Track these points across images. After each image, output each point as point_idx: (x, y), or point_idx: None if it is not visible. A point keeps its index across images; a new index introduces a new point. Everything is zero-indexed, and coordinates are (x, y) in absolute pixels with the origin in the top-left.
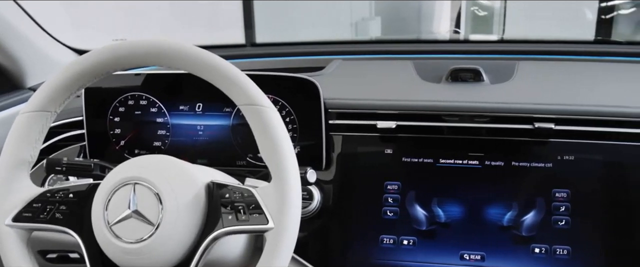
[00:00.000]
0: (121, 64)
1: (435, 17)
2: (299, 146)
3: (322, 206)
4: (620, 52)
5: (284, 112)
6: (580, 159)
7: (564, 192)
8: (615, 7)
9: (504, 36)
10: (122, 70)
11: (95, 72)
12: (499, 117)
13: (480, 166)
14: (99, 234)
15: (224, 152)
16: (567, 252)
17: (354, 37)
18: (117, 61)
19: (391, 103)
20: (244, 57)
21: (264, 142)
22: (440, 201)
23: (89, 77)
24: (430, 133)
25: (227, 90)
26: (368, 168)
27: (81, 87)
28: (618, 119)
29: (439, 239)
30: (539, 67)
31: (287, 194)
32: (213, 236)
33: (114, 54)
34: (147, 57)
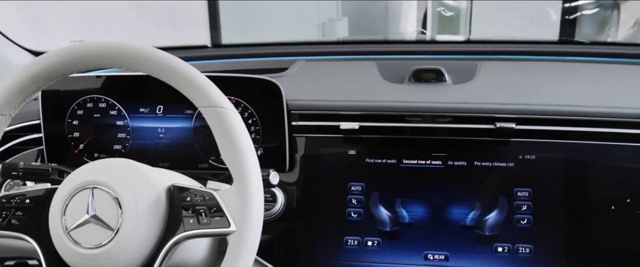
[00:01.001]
0: (78, 66)
1: (402, 18)
2: (262, 148)
3: (286, 208)
4: (584, 52)
5: (246, 114)
6: (541, 159)
7: (525, 192)
8: (579, 8)
9: (470, 36)
10: (80, 72)
11: (51, 75)
12: (460, 117)
13: (443, 166)
14: (57, 240)
15: (186, 155)
16: (530, 251)
17: (321, 37)
18: (74, 63)
19: (354, 104)
20: (207, 59)
21: (224, 145)
22: (404, 202)
23: (45, 79)
24: (393, 134)
25: (187, 92)
26: (331, 169)
27: (37, 90)
28: (578, 118)
29: (403, 240)
30: (501, 67)
31: (249, 197)
32: (174, 240)
33: (71, 56)
34: (104, 59)
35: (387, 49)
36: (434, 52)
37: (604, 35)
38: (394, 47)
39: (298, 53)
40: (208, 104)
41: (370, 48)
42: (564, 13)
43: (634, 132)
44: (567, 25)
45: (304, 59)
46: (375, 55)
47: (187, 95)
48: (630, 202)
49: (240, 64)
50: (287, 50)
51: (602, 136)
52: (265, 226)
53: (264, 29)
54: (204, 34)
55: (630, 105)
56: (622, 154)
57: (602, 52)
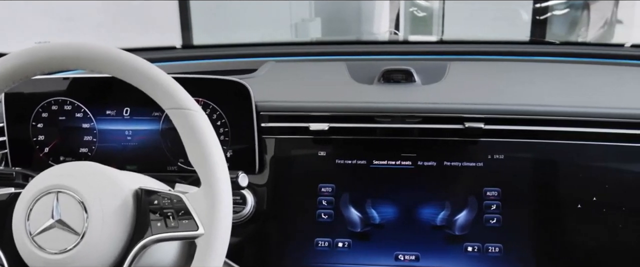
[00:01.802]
0: (41, 67)
1: (375, 18)
2: (232, 150)
3: (256, 210)
4: (553, 52)
5: (214, 115)
6: (510, 158)
7: (494, 191)
8: (549, 8)
9: (442, 37)
10: (43, 74)
11: (13, 77)
12: (430, 117)
13: (413, 167)
14: (21, 246)
15: (153, 158)
16: (499, 250)
17: (294, 38)
18: (36, 65)
19: (323, 105)
20: (176, 60)
21: (192, 147)
22: (374, 202)
23: (7, 81)
24: (363, 134)
25: (153, 93)
26: (302, 171)
27: (0, 92)
28: (547, 118)
29: (374, 240)
30: (470, 67)
31: (217, 199)
32: (142, 244)
33: (34, 58)
34: (68, 61)
35: (357, 49)
36: (403, 53)
37: (574, 36)
38: (364, 47)
39: (268, 54)
40: (174, 106)
41: (340, 49)
42: (534, 13)
43: (601, 131)
44: (538, 26)
45: (273, 59)
46: (345, 56)
47: (153, 97)
48: (597, 200)
49: (210, 65)
50: (257, 51)
51: (570, 136)
52: (236, 228)
53: (237, 30)
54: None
55: (598, 105)
56: (589, 153)
57: (571, 52)
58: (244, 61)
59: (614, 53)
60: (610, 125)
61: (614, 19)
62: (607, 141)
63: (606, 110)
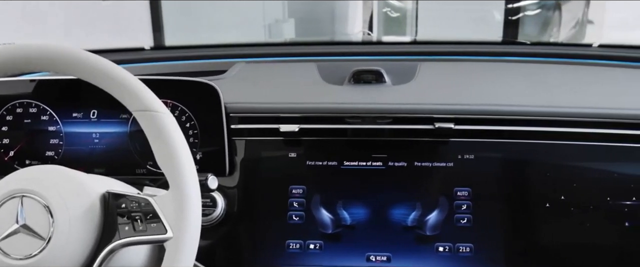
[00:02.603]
0: (4, 69)
1: (349, 19)
2: (201, 152)
3: (227, 213)
4: (524, 52)
5: (183, 117)
6: (480, 158)
7: (465, 191)
8: (521, 9)
9: (416, 37)
10: (7, 76)
11: None
12: (400, 118)
13: (384, 167)
14: None
15: (122, 161)
16: (470, 250)
17: (268, 39)
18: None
19: (293, 106)
20: (145, 61)
21: (159, 149)
22: (346, 204)
23: None
24: (333, 135)
25: (119, 95)
26: (272, 173)
27: None
28: (515, 117)
29: (345, 242)
30: (440, 67)
31: (186, 202)
32: (109, 248)
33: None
34: (32, 62)
35: (328, 50)
36: (374, 53)
37: (546, 36)
38: (334, 48)
39: (238, 55)
40: (141, 108)
41: (310, 49)
42: (507, 14)
43: (569, 131)
44: (510, 26)
45: (243, 61)
46: (316, 57)
47: (120, 99)
48: (565, 199)
49: (180, 67)
50: (227, 52)
51: (538, 135)
52: (206, 231)
53: (210, 31)
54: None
55: (566, 105)
56: (557, 152)
57: (542, 53)
58: (214, 62)
59: (582, 53)
60: (578, 125)
61: (585, 19)
62: (575, 140)
63: (574, 109)
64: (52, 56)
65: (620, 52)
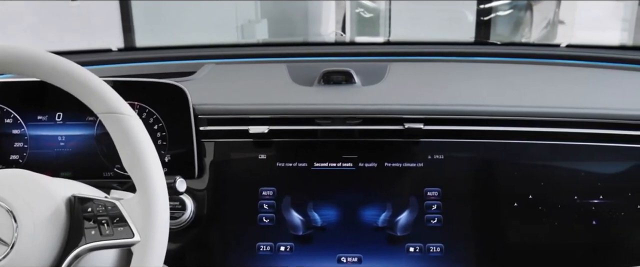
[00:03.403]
0: None
1: (322, 20)
2: (170, 154)
3: (196, 215)
4: (494, 52)
5: (151, 119)
6: (449, 158)
7: (435, 191)
8: (493, 9)
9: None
10: None
11: None
12: (370, 118)
13: (354, 168)
14: None
15: (89, 164)
16: (440, 250)
17: (241, 39)
18: None
19: (263, 107)
20: (112, 63)
21: (125, 152)
22: (316, 205)
23: None
24: (303, 137)
25: (84, 98)
26: (242, 174)
27: None
28: (484, 117)
29: (316, 243)
30: (410, 68)
31: (153, 205)
32: (75, 253)
33: None
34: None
35: (298, 51)
36: (344, 54)
37: (518, 36)
38: (304, 49)
39: (208, 56)
40: (107, 110)
41: (280, 50)
42: (479, 15)
43: (536, 131)
44: (483, 27)
45: (212, 62)
46: (286, 58)
47: (85, 102)
48: (533, 198)
49: (148, 68)
50: (197, 53)
51: (506, 135)
52: (176, 234)
53: (181, 31)
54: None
55: (533, 104)
56: (525, 152)
57: (512, 53)
58: (183, 64)
59: (551, 53)
60: (545, 125)
61: (556, 19)
62: (542, 140)
63: (541, 109)
64: (14, 58)
65: (587, 52)
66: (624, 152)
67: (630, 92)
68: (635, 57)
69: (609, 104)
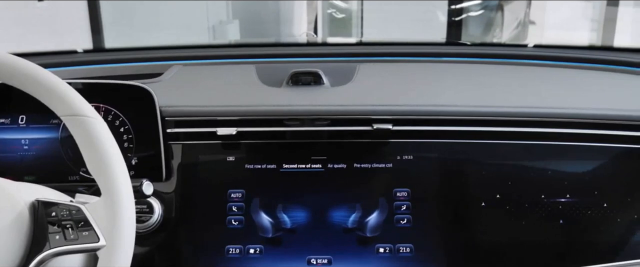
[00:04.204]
0: None
1: (294, 20)
2: (136, 157)
3: (164, 218)
4: (463, 53)
5: (117, 122)
6: (418, 158)
7: (404, 192)
8: (464, 10)
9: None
10: None
11: None
12: (338, 119)
13: (323, 170)
14: None
15: (53, 167)
16: (410, 250)
17: (212, 40)
18: None
19: (231, 109)
20: (78, 64)
21: (90, 155)
22: (285, 207)
23: None
24: (272, 138)
25: (47, 100)
26: (210, 177)
27: None
28: (451, 117)
29: (286, 246)
30: (379, 69)
31: (118, 209)
32: (39, 258)
33: None
34: None
35: (266, 52)
36: (314, 55)
37: (490, 37)
38: (273, 50)
39: (175, 57)
40: (70, 113)
41: (249, 51)
42: (450, 15)
43: (504, 130)
44: (454, 27)
45: (180, 63)
46: (254, 59)
47: (48, 104)
48: (500, 198)
49: (115, 70)
50: (164, 55)
51: (474, 135)
52: (144, 238)
53: (152, 32)
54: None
55: (501, 104)
56: (492, 151)
57: (480, 53)
58: (150, 65)
59: (519, 53)
60: (512, 124)
61: (527, 20)
62: (509, 140)
63: (507, 109)
64: None
65: (553, 52)
66: (590, 151)
67: (597, 92)
68: (602, 57)
69: (576, 104)
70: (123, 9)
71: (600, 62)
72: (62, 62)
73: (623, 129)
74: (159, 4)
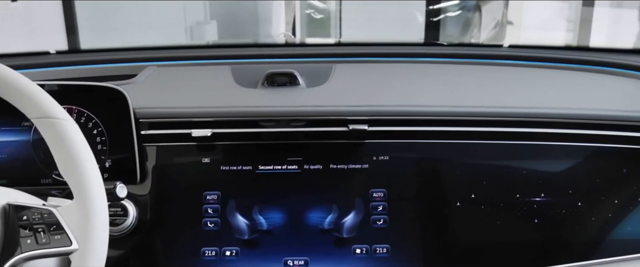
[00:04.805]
0: None
1: (272, 21)
2: (110, 159)
3: (139, 221)
4: (440, 53)
5: (90, 124)
6: (394, 159)
7: (380, 192)
8: (442, 10)
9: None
10: None
11: None
12: (314, 120)
13: (299, 171)
14: None
15: (25, 170)
16: (387, 251)
17: (190, 41)
18: None
19: (206, 110)
20: (50, 66)
21: (61, 158)
22: (261, 209)
23: None
24: (247, 139)
25: (17, 102)
26: (185, 179)
27: None
28: (427, 118)
29: (262, 247)
30: (355, 69)
31: (91, 212)
32: (10, 263)
33: None
34: None
35: (242, 53)
36: (290, 56)
37: (468, 37)
38: (249, 51)
39: (150, 58)
40: (41, 115)
41: (224, 52)
42: (428, 15)
43: (479, 130)
44: (432, 28)
45: (154, 64)
46: (230, 60)
47: (18, 107)
48: (475, 197)
49: (88, 71)
50: (139, 56)
51: (450, 135)
52: (118, 241)
53: (129, 33)
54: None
55: (476, 105)
56: (468, 151)
57: (457, 53)
58: (124, 66)
59: (494, 53)
60: (488, 124)
61: (504, 20)
62: (484, 139)
63: (482, 109)
64: None
65: (528, 52)
66: (565, 150)
67: (572, 92)
68: (577, 58)
69: (551, 104)
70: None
71: (576, 62)
72: (34, 63)
73: (597, 129)
74: (135, 5)
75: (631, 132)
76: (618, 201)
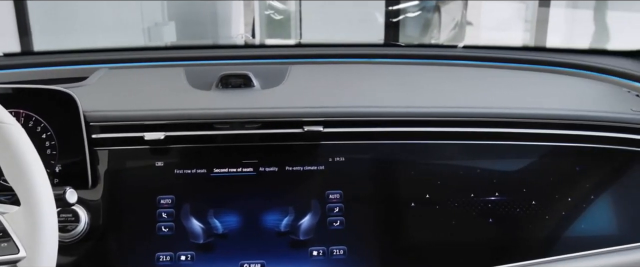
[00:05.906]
0: None
1: (232, 22)
2: (60, 164)
3: (91, 227)
4: (397, 54)
5: (39, 128)
6: (350, 160)
7: (337, 194)
8: (402, 11)
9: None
10: None
11: None
12: (269, 122)
13: (255, 173)
14: None
15: None
16: (343, 252)
17: (147, 43)
18: None
19: (158, 113)
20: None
21: (7, 163)
22: (217, 212)
23: None
24: (201, 142)
25: None
26: (139, 183)
27: None
28: (381, 118)
29: (218, 251)
30: (311, 70)
31: (38, 218)
32: None
33: None
34: None
35: (196, 54)
36: (245, 57)
37: (427, 38)
38: (203, 52)
39: (102, 60)
40: None
41: (178, 54)
42: (387, 16)
43: (433, 131)
44: (392, 28)
45: (106, 66)
46: (184, 61)
47: None
48: (430, 197)
49: (37, 74)
50: (90, 58)
51: (404, 135)
52: (69, 247)
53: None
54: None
55: (430, 105)
56: (422, 151)
57: (413, 54)
58: (75, 69)
59: (449, 54)
60: (442, 124)
61: (464, 21)
62: (439, 139)
63: (437, 109)
64: None
65: (482, 52)
66: (519, 149)
67: (526, 91)
68: (531, 58)
69: (504, 103)
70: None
71: (531, 63)
72: None
73: (550, 128)
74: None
75: (584, 131)
76: (571, 198)
